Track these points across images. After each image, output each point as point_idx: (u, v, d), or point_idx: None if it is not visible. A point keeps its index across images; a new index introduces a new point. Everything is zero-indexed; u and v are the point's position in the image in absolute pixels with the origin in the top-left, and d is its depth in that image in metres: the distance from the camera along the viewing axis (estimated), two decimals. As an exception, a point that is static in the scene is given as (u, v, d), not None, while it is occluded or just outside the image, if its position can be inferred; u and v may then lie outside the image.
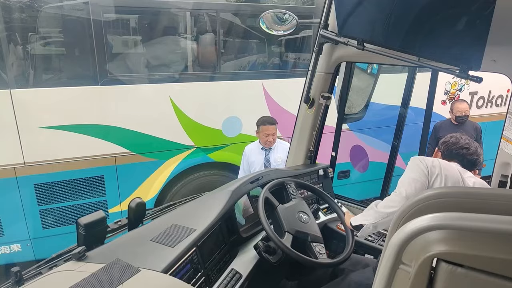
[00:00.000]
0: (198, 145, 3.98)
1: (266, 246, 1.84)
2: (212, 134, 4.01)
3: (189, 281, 1.54)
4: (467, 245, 0.62)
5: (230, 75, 4.08)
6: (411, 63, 1.72)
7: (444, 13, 1.46)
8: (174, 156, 3.90)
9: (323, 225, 2.40)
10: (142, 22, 3.90)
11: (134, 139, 3.66)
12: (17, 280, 1.41)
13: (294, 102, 4.21)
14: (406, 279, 0.69)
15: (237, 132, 4.13)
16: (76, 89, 3.43)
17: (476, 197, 0.70)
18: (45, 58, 3.54)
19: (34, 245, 3.57)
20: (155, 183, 3.89)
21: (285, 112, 4.25)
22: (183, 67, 3.96)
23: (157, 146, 3.78)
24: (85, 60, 3.45)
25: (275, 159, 3.57)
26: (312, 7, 4.25)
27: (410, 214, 0.74)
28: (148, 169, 3.84)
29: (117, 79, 3.54)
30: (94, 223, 1.57)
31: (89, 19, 3.30)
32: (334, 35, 2.08)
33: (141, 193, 3.83)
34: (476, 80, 1.46)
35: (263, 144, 3.53)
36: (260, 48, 4.34)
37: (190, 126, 3.88)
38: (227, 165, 4.18)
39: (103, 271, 1.36)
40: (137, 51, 3.91)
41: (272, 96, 4.17)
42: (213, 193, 2.13)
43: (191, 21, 3.96)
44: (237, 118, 4.09)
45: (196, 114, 3.89)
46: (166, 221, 1.80)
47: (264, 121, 3.49)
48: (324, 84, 2.44)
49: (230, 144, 4.12)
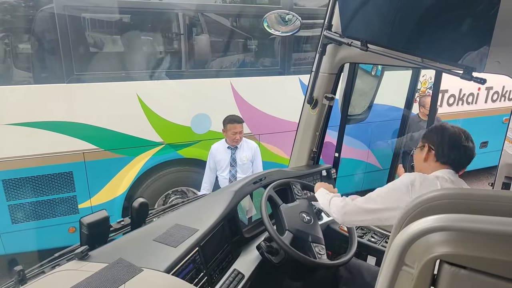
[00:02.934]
0: (167, 142, 4.03)
1: (268, 246, 1.84)
2: (181, 131, 4.06)
3: (191, 281, 1.54)
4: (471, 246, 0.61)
5: (197, 73, 4.11)
6: (415, 64, 1.72)
7: (448, 14, 1.46)
8: (143, 153, 3.96)
9: (326, 226, 2.40)
10: (109, 20, 3.91)
11: (102, 136, 3.72)
12: (20, 279, 1.42)
13: (263, 100, 4.33)
14: (409, 281, 0.69)
15: (206, 129, 4.18)
16: (43, 87, 3.48)
17: (479, 198, 0.70)
18: (12, 56, 3.54)
19: (3, 239, 3.64)
20: (125, 179, 3.95)
21: (254, 110, 4.32)
22: (150, 65, 3.97)
23: (126, 142, 3.84)
24: (51, 58, 3.49)
25: (240, 158, 3.60)
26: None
27: (413, 216, 0.74)
28: (117, 165, 3.89)
29: (83, 77, 3.58)
30: (97, 223, 1.57)
31: (53, 16, 3.31)
32: (338, 36, 2.08)
33: (111, 188, 3.90)
34: (480, 81, 1.46)
35: (230, 143, 3.57)
36: (229, 46, 4.38)
37: (159, 123, 3.93)
38: (197, 161, 4.23)
39: (105, 270, 1.36)
40: (104, 49, 3.94)
41: (241, 94, 4.21)
42: (216, 193, 2.14)
43: (158, 20, 3.96)
44: (206, 115, 4.15)
45: (164, 111, 3.94)
46: (169, 221, 1.81)
47: (231, 119, 3.52)
48: (327, 85, 2.44)
49: (199, 141, 4.18)
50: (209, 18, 4.15)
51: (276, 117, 4.45)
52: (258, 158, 3.73)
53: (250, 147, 3.70)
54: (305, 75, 4.44)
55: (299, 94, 4.43)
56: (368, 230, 2.41)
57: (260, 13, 4.09)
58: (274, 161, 4.56)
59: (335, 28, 2.13)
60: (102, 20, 3.96)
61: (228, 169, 3.63)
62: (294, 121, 4.35)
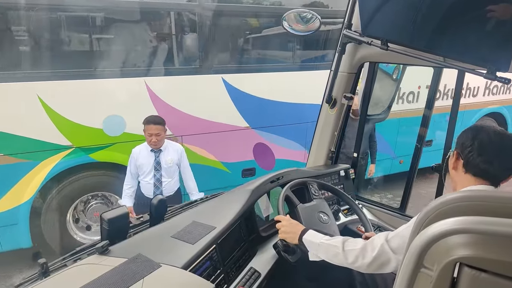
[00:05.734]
0: (76, 145, 3.80)
1: (285, 245, 1.84)
2: (92, 133, 3.83)
3: (208, 278, 1.56)
4: (491, 250, 0.60)
5: (107, 73, 3.83)
6: (436, 64, 1.69)
7: (472, 13, 1.42)
8: (50, 157, 3.73)
9: (343, 226, 2.38)
10: (6, 18, 3.54)
11: (0, 140, 3.50)
12: (43, 272, 1.46)
13: (184, 100, 4.21)
14: (427, 283, 0.68)
15: (120, 131, 3.96)
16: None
17: (500, 201, 0.68)
18: None
19: None
20: (30, 185, 3.71)
21: (175, 110, 4.14)
22: (53, 65, 3.70)
23: (28, 146, 3.59)
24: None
25: (166, 161, 3.43)
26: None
27: (432, 218, 0.73)
28: (20, 171, 3.65)
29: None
30: (117, 219, 1.60)
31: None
32: (358, 35, 2.06)
33: (14, 195, 3.67)
34: (504, 81, 1.42)
35: (150, 145, 3.39)
36: (143, 44, 4.11)
37: (65, 126, 3.70)
38: (114, 165, 4.02)
39: (124, 265, 1.39)
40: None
41: (158, 94, 4.03)
42: (233, 191, 2.15)
43: (62, 17, 3.65)
44: (119, 116, 3.92)
45: (71, 113, 3.71)
46: (186, 218, 1.83)
47: (147, 120, 3.34)
48: (346, 84, 2.42)
49: (114, 144, 3.96)
50: (120, 12, 3.87)
51: (200, 118, 4.28)
52: (184, 160, 3.58)
53: (176, 149, 3.53)
54: (229, 75, 4.35)
55: (223, 94, 4.33)
56: (384, 231, 2.38)
57: (174, 7, 4.04)
58: (201, 163, 4.38)
59: (355, 27, 2.12)
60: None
61: (152, 173, 3.43)
62: (220, 122, 4.39)
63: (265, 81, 4.62)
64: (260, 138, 4.75)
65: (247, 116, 4.57)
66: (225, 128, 4.47)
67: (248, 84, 4.50)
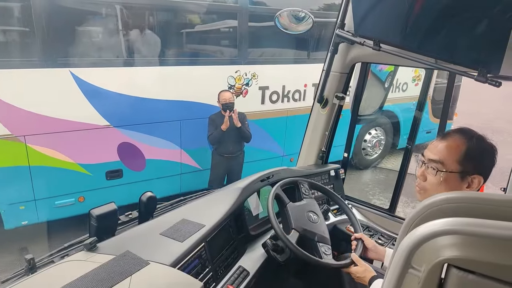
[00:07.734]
0: None
1: (274, 244, 1.84)
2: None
3: (197, 276, 1.55)
4: (480, 251, 0.61)
5: None
6: (428, 65, 1.70)
7: (464, 15, 1.44)
8: None
9: (333, 226, 2.39)
10: None
11: None
12: (30, 267, 1.44)
13: (24, 96, 3.68)
14: (415, 284, 0.68)
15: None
16: None
17: (490, 203, 0.69)
18: None
19: None
20: None
21: (10, 107, 3.66)
22: None
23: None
24: None
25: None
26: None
27: (421, 218, 0.73)
28: None
29: None
30: (106, 215, 1.59)
31: None
32: (350, 35, 2.06)
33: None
34: (495, 84, 1.44)
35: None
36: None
37: None
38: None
39: (113, 262, 1.38)
40: None
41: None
42: (223, 190, 2.14)
43: None
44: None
45: None
46: (176, 216, 1.82)
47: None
48: (338, 84, 2.42)
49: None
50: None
51: (46, 116, 3.82)
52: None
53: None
54: (80, 68, 3.88)
55: (73, 89, 3.88)
56: (375, 232, 2.40)
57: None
58: (51, 165, 3.97)
59: (347, 27, 2.12)
60: None
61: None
62: (71, 119, 3.94)
63: (126, 76, 4.22)
64: (125, 137, 4.35)
65: (107, 113, 4.14)
66: (80, 127, 4.01)
67: (105, 79, 4.06)
